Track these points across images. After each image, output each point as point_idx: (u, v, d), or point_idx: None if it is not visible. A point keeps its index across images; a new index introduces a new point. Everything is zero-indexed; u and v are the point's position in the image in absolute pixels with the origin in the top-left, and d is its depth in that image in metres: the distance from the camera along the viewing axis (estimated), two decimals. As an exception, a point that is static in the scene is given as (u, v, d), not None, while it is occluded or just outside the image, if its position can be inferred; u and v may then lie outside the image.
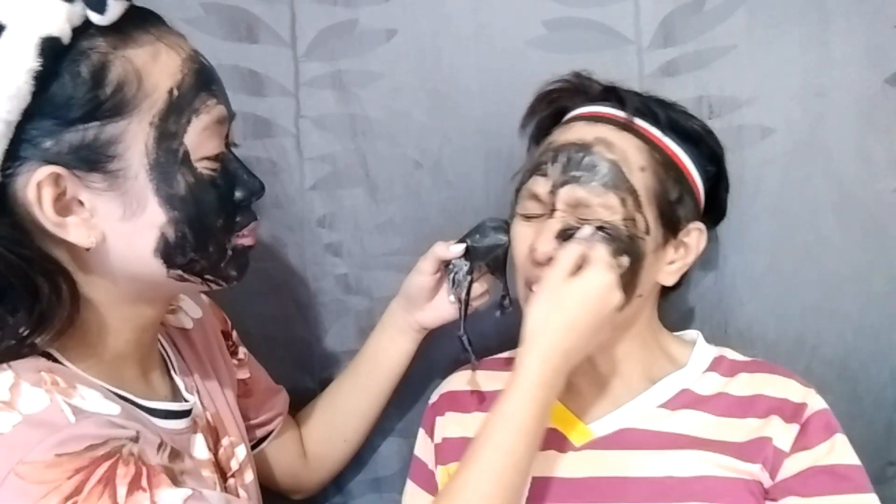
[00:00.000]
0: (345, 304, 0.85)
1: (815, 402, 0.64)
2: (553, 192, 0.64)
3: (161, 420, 0.56)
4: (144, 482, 0.45)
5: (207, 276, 0.55)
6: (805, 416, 0.63)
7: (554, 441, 0.66)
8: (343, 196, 0.84)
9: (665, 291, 0.71)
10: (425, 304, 0.75)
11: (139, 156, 0.50)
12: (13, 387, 0.46)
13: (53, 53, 0.46)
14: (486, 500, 0.54)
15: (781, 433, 0.62)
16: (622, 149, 0.64)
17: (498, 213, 0.82)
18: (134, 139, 0.49)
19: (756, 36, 0.78)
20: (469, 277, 0.72)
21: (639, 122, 0.66)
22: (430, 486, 0.75)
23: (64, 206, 0.49)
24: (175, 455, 0.51)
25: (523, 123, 0.75)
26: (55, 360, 0.50)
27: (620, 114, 0.66)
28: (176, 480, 0.47)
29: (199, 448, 0.59)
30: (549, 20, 0.80)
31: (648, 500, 0.62)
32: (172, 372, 0.62)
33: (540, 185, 0.65)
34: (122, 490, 0.44)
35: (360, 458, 0.86)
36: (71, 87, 0.47)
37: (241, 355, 0.76)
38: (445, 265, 0.73)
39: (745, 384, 0.66)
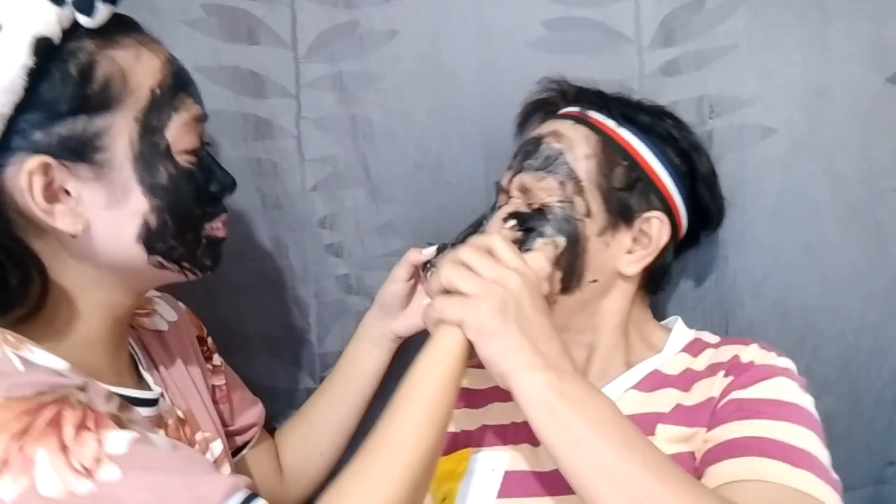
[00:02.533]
0: (346, 305, 0.85)
1: (766, 359, 0.63)
2: (510, 181, 0.70)
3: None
4: (91, 424, 0.46)
5: (184, 264, 0.58)
6: (746, 368, 0.62)
7: (527, 434, 0.66)
8: (344, 197, 0.84)
9: (651, 288, 0.72)
10: (399, 311, 0.77)
11: (124, 148, 0.53)
12: None
13: (45, 52, 0.50)
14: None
15: (719, 388, 0.62)
16: (570, 138, 0.68)
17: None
18: (119, 132, 0.53)
19: (756, 36, 0.77)
20: None
21: (592, 114, 0.70)
22: None
23: (52, 194, 0.52)
24: (125, 407, 0.51)
25: (519, 129, 0.77)
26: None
27: (576, 109, 0.71)
28: (123, 426, 0.48)
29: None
30: (548, 20, 0.80)
31: None
32: (141, 368, 0.63)
33: (505, 178, 0.71)
34: (69, 430, 0.45)
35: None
36: (60, 83, 0.51)
37: (216, 361, 0.76)
38: (423, 268, 0.74)
39: (707, 358, 0.66)
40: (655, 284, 0.72)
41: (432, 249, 0.74)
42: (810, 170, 0.78)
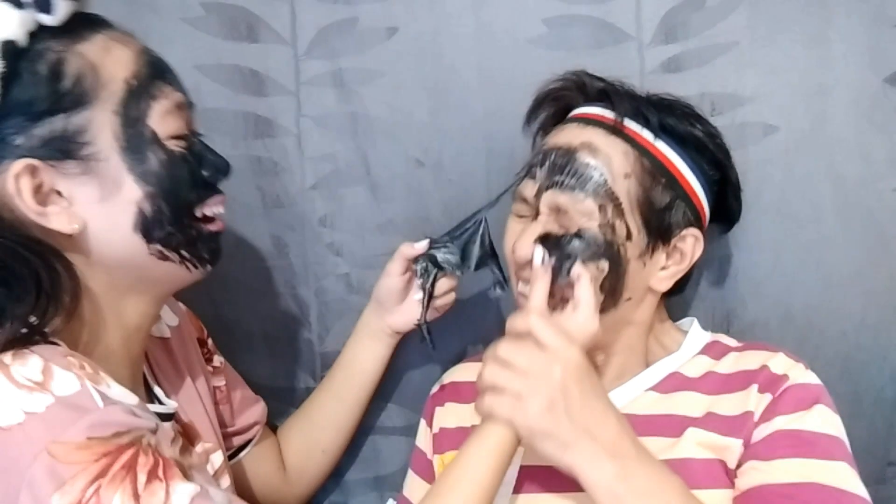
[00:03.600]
0: (347, 304, 0.85)
1: (800, 376, 0.62)
2: (538, 195, 0.65)
3: None
4: (161, 473, 0.47)
5: (184, 253, 0.58)
6: (783, 387, 0.61)
7: None
8: (344, 195, 0.84)
9: (669, 292, 0.71)
10: (395, 307, 0.76)
11: (108, 140, 0.53)
12: (45, 370, 0.48)
13: (13, 56, 0.50)
14: None
15: (758, 404, 0.61)
16: (607, 154, 0.64)
17: (499, 211, 0.82)
18: (101, 126, 0.53)
19: (758, 33, 0.77)
20: (434, 270, 0.73)
21: (629, 124, 0.65)
22: (428, 475, 0.75)
23: (43, 196, 0.52)
24: (185, 449, 0.53)
25: (527, 121, 0.74)
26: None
27: (611, 115, 0.66)
28: (186, 474, 0.49)
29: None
30: (549, 18, 0.80)
31: None
32: (151, 381, 0.63)
33: (528, 188, 0.67)
34: (142, 478, 0.46)
35: (361, 457, 0.86)
36: (32, 84, 0.51)
37: (216, 363, 0.76)
38: (414, 261, 0.74)
39: (732, 362, 0.66)
40: (677, 290, 0.71)
41: (424, 243, 0.73)
42: (812, 168, 0.78)
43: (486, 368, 0.57)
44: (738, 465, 0.60)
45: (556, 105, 0.72)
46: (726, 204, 0.71)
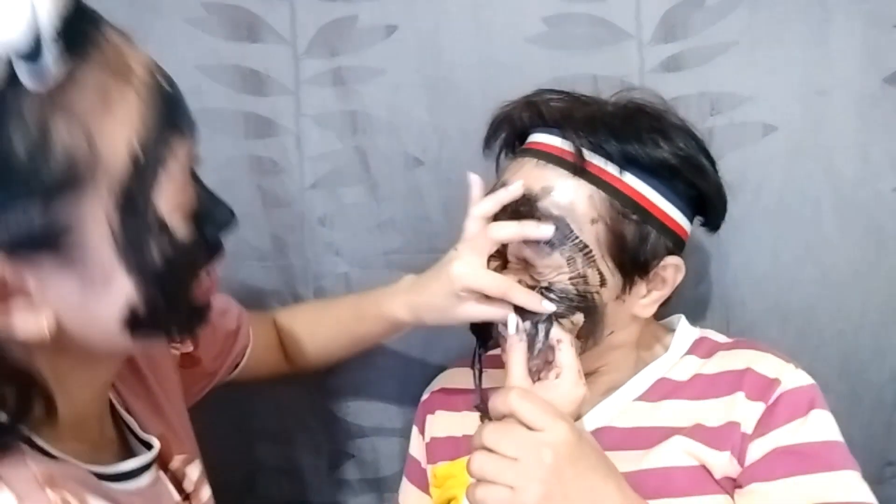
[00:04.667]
0: (346, 303, 0.85)
1: (792, 379, 0.60)
2: (504, 244, 0.62)
3: (130, 482, 0.50)
4: None
5: (172, 332, 0.48)
6: (775, 394, 0.60)
7: None
8: (344, 194, 0.84)
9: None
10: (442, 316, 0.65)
11: (99, 227, 0.40)
12: None
13: None
14: None
15: (747, 414, 0.60)
16: (570, 200, 0.59)
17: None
18: (90, 210, 0.40)
19: (757, 32, 0.77)
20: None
21: (591, 160, 0.60)
22: (423, 484, 0.75)
23: (5, 297, 0.39)
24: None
25: (485, 146, 0.68)
26: (35, 446, 0.44)
27: (570, 149, 0.60)
28: None
29: (172, 490, 0.55)
30: (549, 16, 0.80)
31: None
32: (118, 403, 0.55)
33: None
34: None
35: (360, 457, 0.87)
36: (2, 172, 0.37)
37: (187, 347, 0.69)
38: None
39: (719, 361, 0.64)
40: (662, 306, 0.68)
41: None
42: (810, 168, 0.78)
43: (473, 458, 0.52)
44: (736, 484, 0.59)
45: (512, 128, 0.66)
46: (706, 213, 0.67)
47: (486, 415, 0.63)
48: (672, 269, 0.63)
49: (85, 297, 0.42)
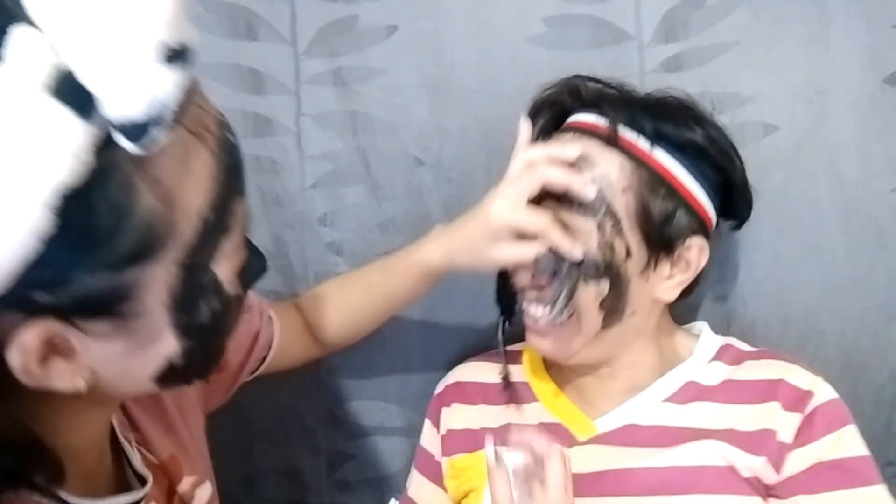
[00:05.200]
0: (346, 303, 0.85)
1: (824, 392, 0.63)
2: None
3: None
4: None
5: (193, 380, 0.46)
6: (811, 406, 0.61)
7: (558, 436, 0.66)
8: (344, 194, 0.84)
9: (679, 299, 0.70)
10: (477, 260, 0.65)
11: (158, 293, 0.38)
12: None
13: (66, 203, 0.32)
14: None
15: (784, 424, 0.61)
16: (604, 168, 0.62)
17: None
18: (155, 276, 0.38)
19: (758, 32, 0.77)
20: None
21: (624, 134, 0.63)
22: (436, 477, 0.75)
23: (47, 354, 0.37)
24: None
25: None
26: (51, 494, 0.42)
27: (605, 125, 0.63)
28: None
29: None
30: (549, 17, 0.80)
31: (649, 493, 0.61)
32: (119, 428, 0.53)
33: None
34: None
35: (361, 457, 0.86)
36: (81, 239, 0.34)
37: None
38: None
39: (749, 370, 0.66)
40: (683, 295, 0.70)
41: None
42: (812, 168, 0.78)
43: None
44: (773, 492, 0.60)
45: (552, 111, 0.69)
46: (733, 205, 0.69)
47: (509, 385, 0.69)
48: (696, 251, 0.64)
49: (128, 357, 0.40)
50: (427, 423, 0.79)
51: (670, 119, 0.64)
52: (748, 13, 0.77)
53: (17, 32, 0.32)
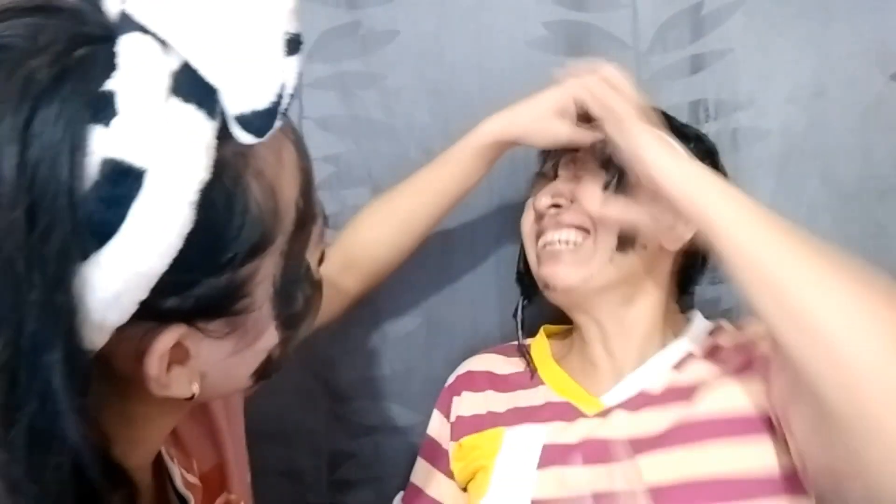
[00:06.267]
0: (348, 304, 0.86)
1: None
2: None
3: None
4: None
5: (277, 371, 0.44)
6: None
7: (564, 413, 0.68)
8: (347, 196, 0.85)
9: (682, 286, 0.73)
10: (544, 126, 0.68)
11: (266, 287, 0.38)
12: None
13: (203, 200, 0.32)
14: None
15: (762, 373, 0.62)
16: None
17: (500, 214, 0.83)
18: (264, 273, 0.38)
19: (752, 39, 0.79)
20: None
21: None
22: (441, 463, 0.76)
23: (171, 361, 0.37)
24: None
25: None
26: None
27: None
28: None
29: None
30: (549, 22, 0.82)
31: (661, 448, 0.62)
32: (166, 457, 0.50)
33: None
34: None
35: (362, 457, 0.87)
36: (209, 237, 0.34)
37: None
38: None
39: (731, 337, 0.68)
40: (686, 281, 0.74)
41: None
42: (805, 171, 0.79)
43: None
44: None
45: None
46: None
47: (530, 361, 0.72)
48: None
49: (236, 356, 0.40)
50: (436, 412, 0.79)
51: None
52: (743, 20, 0.79)
53: (125, 40, 0.32)
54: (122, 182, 0.31)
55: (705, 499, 0.58)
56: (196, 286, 0.35)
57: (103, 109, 0.31)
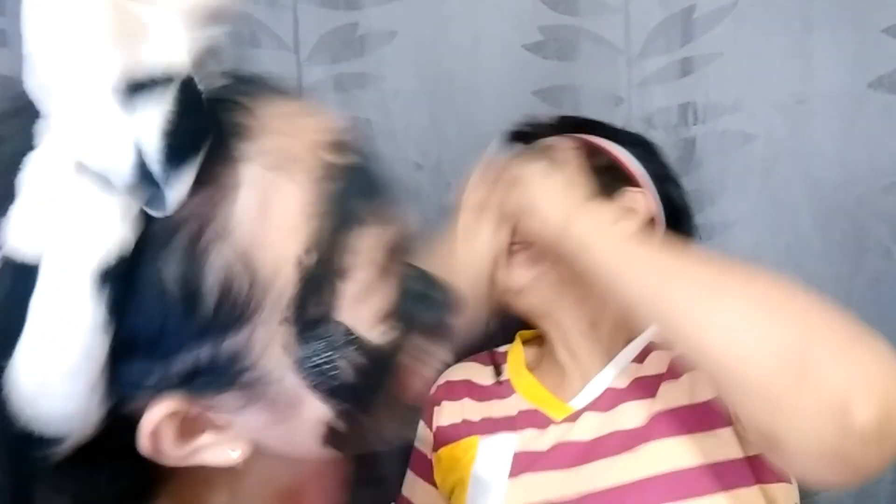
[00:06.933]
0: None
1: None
2: None
3: None
4: None
5: (386, 434, 0.40)
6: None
7: (535, 420, 0.69)
8: (345, 197, 0.85)
9: None
10: None
11: (276, 357, 0.34)
12: None
13: (116, 279, 0.29)
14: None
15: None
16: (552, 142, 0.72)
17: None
18: (266, 343, 0.33)
19: (740, 45, 0.81)
20: None
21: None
22: (426, 474, 0.77)
23: (188, 430, 0.34)
24: None
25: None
26: None
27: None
28: None
29: None
30: (545, 26, 0.83)
31: (628, 449, 0.63)
32: None
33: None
34: None
35: (361, 456, 0.86)
36: (154, 313, 0.31)
37: None
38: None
39: None
40: None
41: None
42: (790, 175, 0.81)
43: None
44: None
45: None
46: (668, 195, 0.73)
47: (499, 370, 0.75)
48: (639, 196, 0.70)
49: (280, 425, 0.36)
50: (421, 424, 0.80)
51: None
52: (733, 26, 0.81)
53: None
54: (18, 277, 0.28)
55: (687, 490, 0.60)
56: (169, 364, 0.32)
57: (4, 199, 0.29)
